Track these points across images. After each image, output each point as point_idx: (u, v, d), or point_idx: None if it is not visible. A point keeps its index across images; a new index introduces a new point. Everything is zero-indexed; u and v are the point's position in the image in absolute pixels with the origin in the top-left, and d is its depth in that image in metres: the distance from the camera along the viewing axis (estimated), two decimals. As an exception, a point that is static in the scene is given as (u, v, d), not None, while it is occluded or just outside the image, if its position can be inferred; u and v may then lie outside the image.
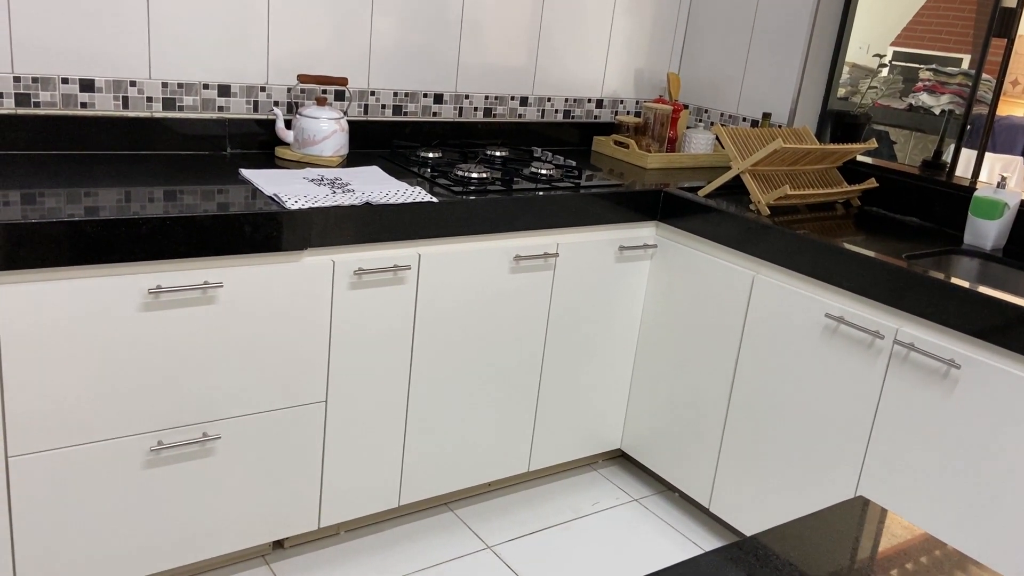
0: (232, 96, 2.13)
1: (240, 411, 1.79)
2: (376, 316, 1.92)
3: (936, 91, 2.82)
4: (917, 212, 2.37)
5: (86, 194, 1.65)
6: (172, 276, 1.63)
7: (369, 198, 1.85)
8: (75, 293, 1.54)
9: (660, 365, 2.39)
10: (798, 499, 2.04)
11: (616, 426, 2.52)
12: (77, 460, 1.63)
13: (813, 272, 1.97)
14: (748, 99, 2.77)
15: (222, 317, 1.71)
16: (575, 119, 2.80)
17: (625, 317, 2.40)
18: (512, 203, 2.05)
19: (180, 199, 1.69)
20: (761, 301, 2.09)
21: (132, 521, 1.73)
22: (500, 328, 2.15)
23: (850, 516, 1.00)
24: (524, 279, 2.15)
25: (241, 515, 1.87)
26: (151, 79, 2.01)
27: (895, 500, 1.84)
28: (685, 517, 2.40)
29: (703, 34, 2.89)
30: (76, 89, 1.93)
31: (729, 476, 2.21)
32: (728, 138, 2.25)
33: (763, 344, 2.09)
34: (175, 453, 1.74)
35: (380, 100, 2.37)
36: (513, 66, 2.60)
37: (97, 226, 1.52)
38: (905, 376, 1.81)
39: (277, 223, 1.71)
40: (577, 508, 2.39)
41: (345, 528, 2.16)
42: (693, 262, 2.26)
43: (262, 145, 2.20)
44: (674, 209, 2.30)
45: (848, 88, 2.73)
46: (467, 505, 2.34)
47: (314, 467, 1.95)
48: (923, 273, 1.78)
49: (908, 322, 1.82)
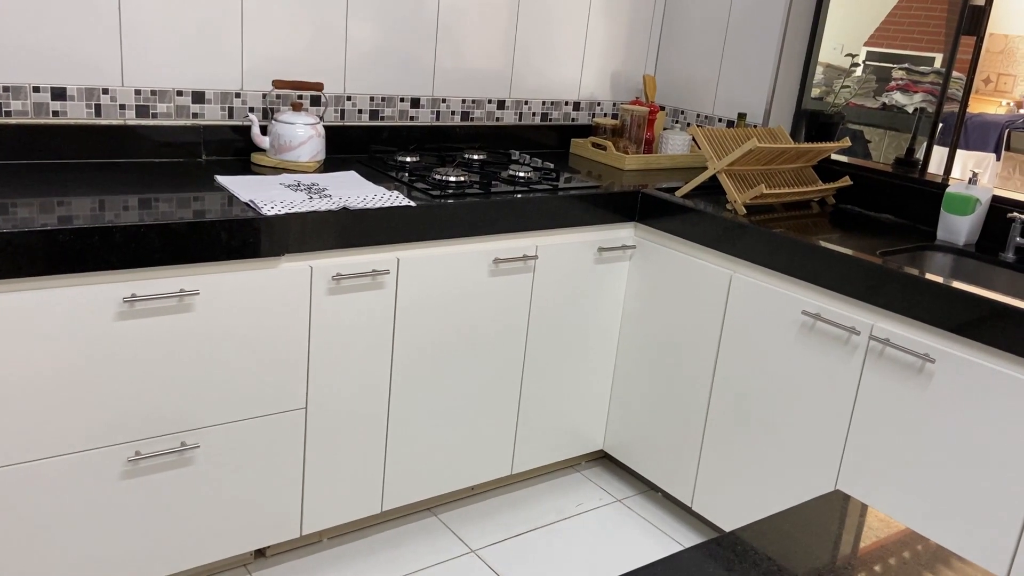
0: (207, 102, 2.12)
1: (219, 419, 1.78)
2: (355, 321, 1.92)
3: (909, 90, 2.85)
4: (891, 209, 2.40)
5: (59, 203, 1.63)
6: (147, 284, 1.61)
7: (346, 203, 1.84)
8: (49, 303, 1.52)
9: (641, 365, 2.39)
10: (780, 495, 2.06)
11: (598, 427, 2.52)
12: (54, 472, 1.61)
13: (790, 270, 1.99)
14: (724, 100, 2.79)
15: (199, 325, 1.70)
16: (552, 122, 2.80)
17: (605, 318, 2.40)
18: (490, 206, 2.06)
19: (155, 207, 1.68)
20: (739, 300, 2.10)
21: (110, 533, 1.71)
22: (480, 331, 2.15)
23: (827, 510, 1.01)
24: (503, 282, 2.15)
25: (222, 524, 1.86)
26: (124, 86, 1.99)
27: (874, 493, 1.86)
28: (668, 516, 2.40)
29: (678, 36, 2.91)
30: (48, 98, 1.91)
31: (711, 474, 2.22)
32: (704, 138, 2.27)
33: (742, 342, 2.11)
34: (153, 463, 1.72)
35: (357, 105, 2.36)
36: (490, 69, 2.60)
37: (70, 235, 1.50)
38: (881, 371, 1.83)
39: (253, 229, 1.70)
40: (561, 510, 2.39)
41: (328, 535, 2.15)
42: (671, 262, 2.27)
43: (238, 151, 2.19)
44: (652, 210, 2.31)
45: (822, 88, 2.76)
46: (450, 509, 2.34)
47: (295, 474, 1.94)
48: (897, 269, 1.80)
49: (883, 318, 1.84)
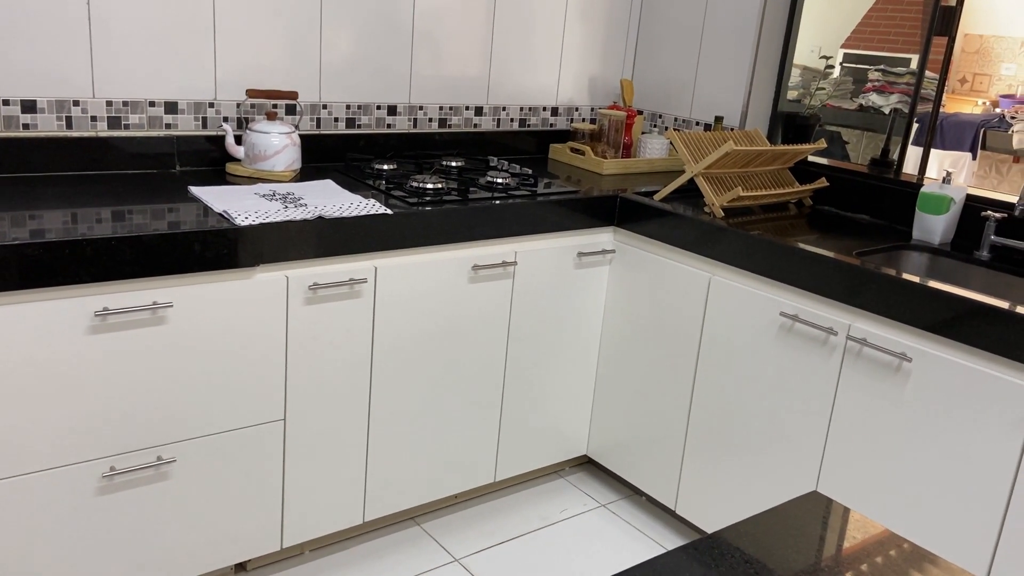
0: (180, 113, 2.10)
1: (195, 433, 1.76)
2: (333, 331, 1.90)
3: (885, 91, 2.88)
4: (867, 210, 2.41)
5: (31, 217, 1.61)
6: (119, 298, 1.59)
7: (322, 212, 1.83)
8: (19, 318, 1.50)
9: (623, 369, 2.39)
10: (761, 497, 2.06)
11: (581, 432, 2.51)
12: (26, 489, 1.58)
13: (768, 272, 1.99)
14: (701, 103, 2.80)
15: (173, 337, 1.68)
16: (531, 127, 2.80)
17: (586, 323, 2.40)
18: (469, 213, 2.05)
19: (128, 219, 1.66)
20: (718, 302, 2.11)
21: (86, 550, 1.68)
22: (460, 339, 2.14)
23: (805, 511, 1.01)
24: (483, 288, 2.14)
25: (201, 539, 1.83)
26: (95, 98, 1.97)
27: (853, 493, 1.86)
28: (652, 520, 2.40)
29: (655, 40, 2.92)
30: (18, 111, 1.89)
31: (694, 477, 2.22)
32: (681, 142, 2.27)
33: (721, 344, 2.11)
34: (129, 478, 1.70)
35: (332, 113, 2.35)
36: (467, 76, 2.60)
37: (39, 248, 1.48)
38: (859, 370, 1.83)
39: (227, 240, 1.69)
40: (545, 516, 2.38)
41: (309, 547, 2.13)
42: (651, 266, 2.27)
43: (212, 162, 2.17)
44: (631, 214, 2.31)
45: (799, 90, 2.77)
46: (434, 518, 2.32)
47: (275, 487, 1.92)
48: (874, 269, 1.80)
49: (861, 318, 1.84)
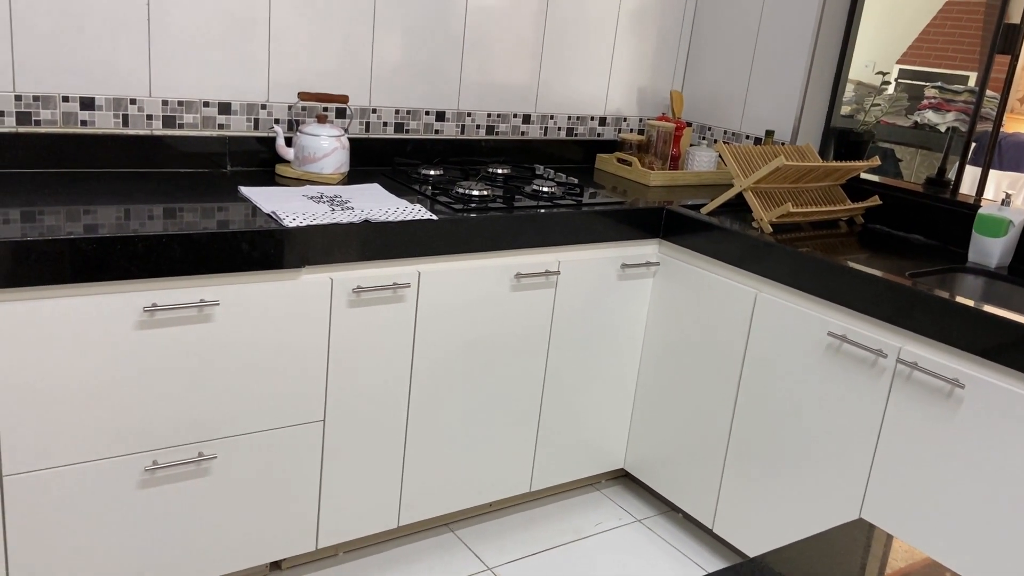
0: (233, 114, 2.13)
1: (236, 430, 1.78)
2: (375, 334, 1.91)
3: (942, 109, 2.81)
4: (921, 230, 2.35)
5: (85, 211, 1.65)
6: (168, 294, 1.62)
7: (368, 215, 1.84)
8: (71, 311, 1.53)
9: (663, 383, 2.36)
10: (803, 520, 2.01)
11: (619, 445, 2.49)
12: (72, 479, 1.62)
13: (816, 290, 1.95)
14: (751, 116, 2.76)
15: (219, 335, 1.70)
16: (578, 137, 2.79)
17: (627, 335, 2.38)
18: (513, 220, 2.04)
19: (179, 216, 1.69)
20: (764, 319, 2.07)
21: (126, 542, 1.71)
22: (501, 346, 2.13)
23: (851, 539, 0.98)
24: (525, 297, 2.13)
25: (237, 536, 1.85)
26: (151, 97, 2.01)
27: (899, 521, 1.81)
28: (689, 538, 2.36)
29: (706, 52, 2.89)
30: (77, 107, 1.93)
31: (733, 496, 2.18)
32: (731, 155, 2.24)
33: (766, 362, 2.07)
34: (170, 473, 1.72)
35: (382, 117, 2.37)
36: (516, 84, 2.60)
37: (93, 244, 1.51)
38: (909, 395, 1.78)
39: (275, 240, 1.70)
40: (579, 529, 2.36)
41: (344, 549, 2.14)
42: (696, 280, 2.24)
43: (263, 163, 2.20)
44: (677, 227, 2.29)
45: (853, 106, 2.72)
46: (468, 525, 2.32)
47: (312, 487, 1.93)
48: (927, 291, 1.76)
49: (912, 341, 1.79)
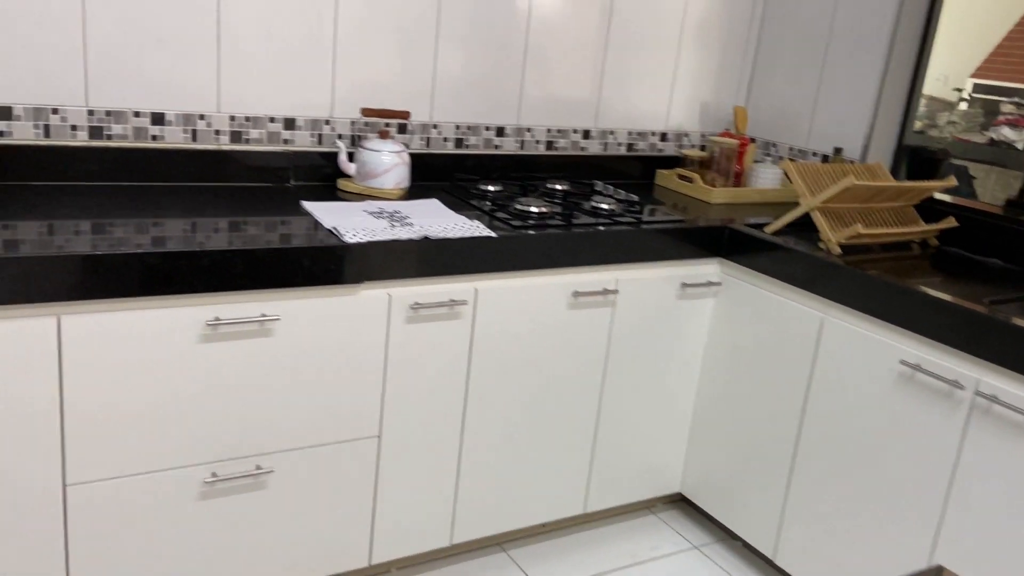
0: (297, 129, 2.15)
1: (293, 444, 1.79)
2: (431, 351, 1.90)
3: (1019, 125, 2.69)
4: (1000, 254, 2.25)
5: (153, 224, 1.68)
6: (231, 308, 1.64)
7: (427, 232, 1.83)
8: (137, 324, 1.56)
9: (723, 407, 2.30)
10: (869, 557, 1.93)
11: (676, 469, 2.43)
12: (133, 490, 1.64)
13: (887, 316, 1.88)
14: (818, 133, 2.69)
15: (278, 350, 1.71)
16: (638, 152, 2.75)
17: (686, 356, 2.32)
18: (571, 238, 2.02)
19: (243, 230, 1.70)
20: (831, 344, 2.00)
21: (184, 552, 1.73)
22: (557, 365, 2.10)
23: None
24: (583, 315, 2.10)
25: (292, 550, 1.86)
26: (219, 112, 2.05)
27: (975, 566, 1.72)
28: (748, 568, 2.29)
29: (772, 66, 2.83)
30: (147, 122, 1.98)
31: (796, 527, 2.11)
32: (797, 173, 2.18)
33: (833, 389, 2.00)
34: (228, 485, 1.73)
35: (442, 133, 2.37)
36: (576, 98, 2.58)
37: (159, 258, 1.54)
38: (987, 430, 1.70)
39: (335, 256, 1.71)
40: (634, 553, 2.31)
41: (396, 566, 2.13)
42: (759, 301, 2.18)
43: (325, 177, 2.22)
44: (739, 246, 2.23)
45: (925, 122, 2.62)
46: (521, 546, 2.29)
47: (366, 503, 1.93)
48: (1007, 320, 1.67)
49: (991, 372, 1.71)
